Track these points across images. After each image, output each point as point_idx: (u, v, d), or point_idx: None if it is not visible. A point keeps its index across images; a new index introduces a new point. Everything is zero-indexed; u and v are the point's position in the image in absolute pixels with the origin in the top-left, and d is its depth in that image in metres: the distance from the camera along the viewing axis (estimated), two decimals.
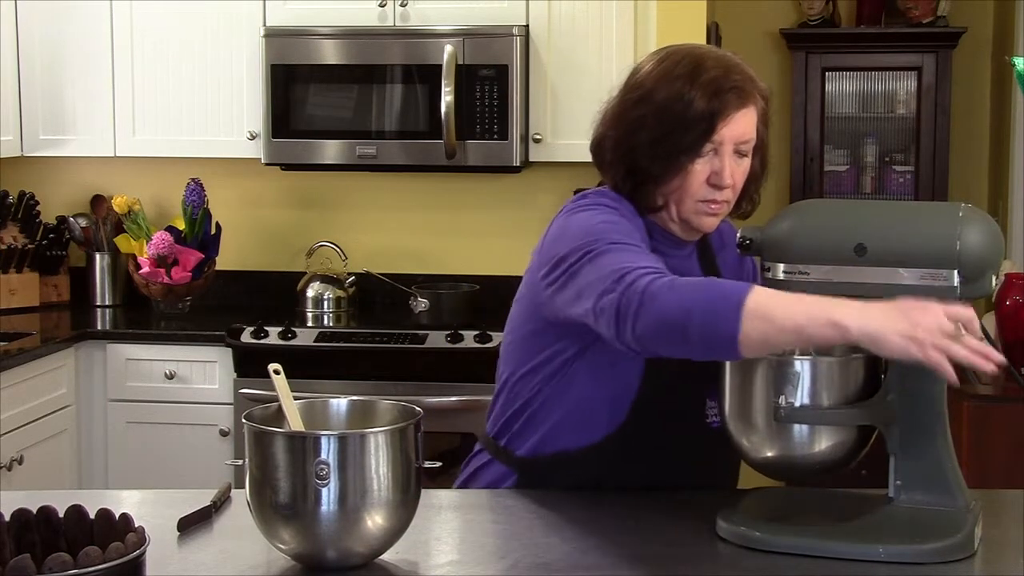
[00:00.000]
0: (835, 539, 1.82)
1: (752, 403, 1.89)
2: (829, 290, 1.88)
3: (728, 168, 2.04)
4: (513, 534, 1.93)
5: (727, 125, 2.02)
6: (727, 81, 2.03)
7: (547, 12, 4.16)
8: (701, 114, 2.01)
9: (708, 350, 1.79)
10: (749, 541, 1.84)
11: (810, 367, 1.85)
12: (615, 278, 1.85)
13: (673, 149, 2.02)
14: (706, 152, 2.03)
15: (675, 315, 1.77)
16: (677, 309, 1.77)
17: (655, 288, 1.80)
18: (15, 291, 4.45)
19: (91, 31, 4.37)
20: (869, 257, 1.85)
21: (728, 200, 2.08)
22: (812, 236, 1.89)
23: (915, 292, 1.82)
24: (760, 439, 1.90)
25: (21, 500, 1.75)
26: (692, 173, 2.03)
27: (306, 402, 1.88)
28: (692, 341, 1.77)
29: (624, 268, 1.86)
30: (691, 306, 1.77)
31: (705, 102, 2.01)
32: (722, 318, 1.74)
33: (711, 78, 2.02)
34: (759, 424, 1.89)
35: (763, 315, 1.73)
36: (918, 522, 1.85)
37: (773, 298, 1.76)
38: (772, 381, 1.85)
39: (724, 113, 2.02)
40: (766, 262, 1.92)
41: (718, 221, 2.11)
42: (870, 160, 5.34)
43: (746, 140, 2.05)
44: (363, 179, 4.56)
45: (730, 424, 1.93)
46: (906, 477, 1.88)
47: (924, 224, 1.86)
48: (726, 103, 2.02)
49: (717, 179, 2.04)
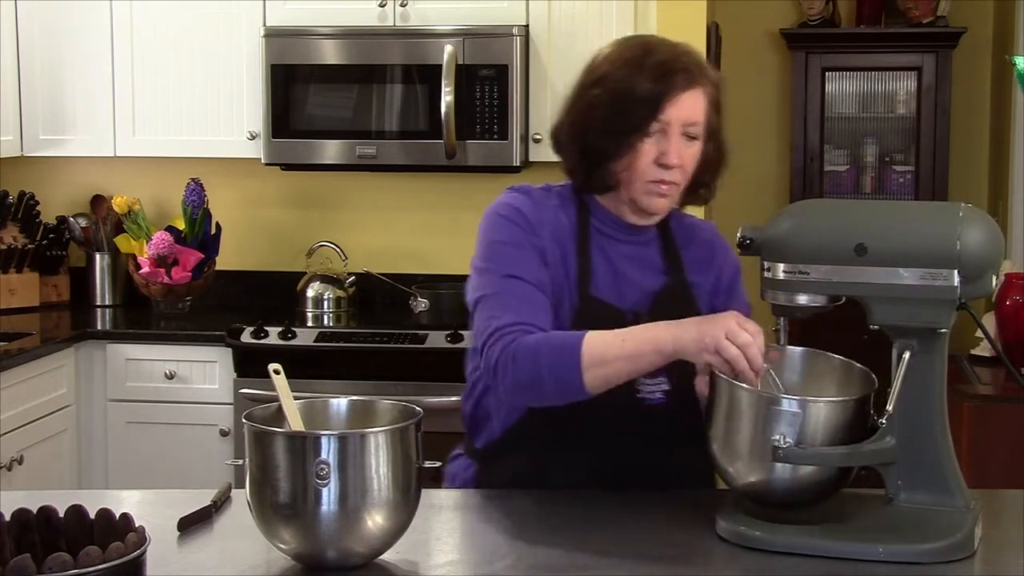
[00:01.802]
0: (835, 539, 1.82)
1: (738, 435, 1.90)
2: (829, 290, 1.88)
3: (675, 148, 2.09)
4: (513, 534, 1.93)
5: (673, 105, 2.08)
6: (675, 63, 2.10)
7: (547, 12, 4.16)
8: (648, 94, 2.08)
9: (563, 398, 2.01)
10: (749, 541, 1.84)
11: (798, 407, 1.86)
12: (487, 336, 2.06)
13: (622, 128, 2.09)
14: (654, 132, 2.09)
15: (529, 378, 2.00)
16: (530, 372, 2.00)
17: (513, 349, 2.01)
18: (15, 291, 4.45)
19: (91, 31, 4.37)
20: (869, 257, 1.85)
21: (676, 182, 2.12)
22: (812, 236, 1.90)
23: (915, 292, 1.82)
24: (745, 468, 1.91)
25: (21, 500, 1.75)
26: (640, 153, 2.09)
27: (306, 402, 1.88)
28: (549, 395, 2.02)
29: (495, 328, 2.05)
30: (540, 368, 1.99)
31: (651, 83, 2.08)
32: (567, 373, 1.97)
33: (659, 60, 2.10)
34: (744, 455, 1.90)
35: (598, 361, 1.96)
36: (918, 522, 1.85)
37: (603, 341, 1.97)
38: (761, 418, 1.86)
39: (670, 93, 2.08)
40: (766, 262, 1.92)
41: (668, 203, 2.16)
42: (870, 160, 5.35)
43: (694, 122, 2.11)
44: (363, 179, 4.55)
45: (716, 453, 1.94)
46: (906, 477, 1.89)
47: (924, 224, 1.86)
48: (672, 84, 2.08)
49: (664, 159, 2.09)
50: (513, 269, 2.10)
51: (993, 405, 3.67)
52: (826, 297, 1.91)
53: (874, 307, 1.87)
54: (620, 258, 2.18)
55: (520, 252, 2.12)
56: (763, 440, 1.85)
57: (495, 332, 2.04)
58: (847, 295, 1.89)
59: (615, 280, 2.16)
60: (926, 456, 1.88)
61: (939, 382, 1.88)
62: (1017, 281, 3.83)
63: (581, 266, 2.15)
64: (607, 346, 1.97)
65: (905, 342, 1.88)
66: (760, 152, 5.46)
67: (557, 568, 1.81)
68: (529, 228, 2.14)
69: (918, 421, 1.88)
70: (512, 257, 2.12)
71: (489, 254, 2.14)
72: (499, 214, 2.17)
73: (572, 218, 2.18)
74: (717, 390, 1.93)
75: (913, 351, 1.87)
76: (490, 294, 2.10)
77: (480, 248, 2.17)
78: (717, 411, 1.93)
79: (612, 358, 1.96)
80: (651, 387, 2.12)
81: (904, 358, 1.87)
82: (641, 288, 2.17)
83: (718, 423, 1.92)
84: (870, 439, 1.87)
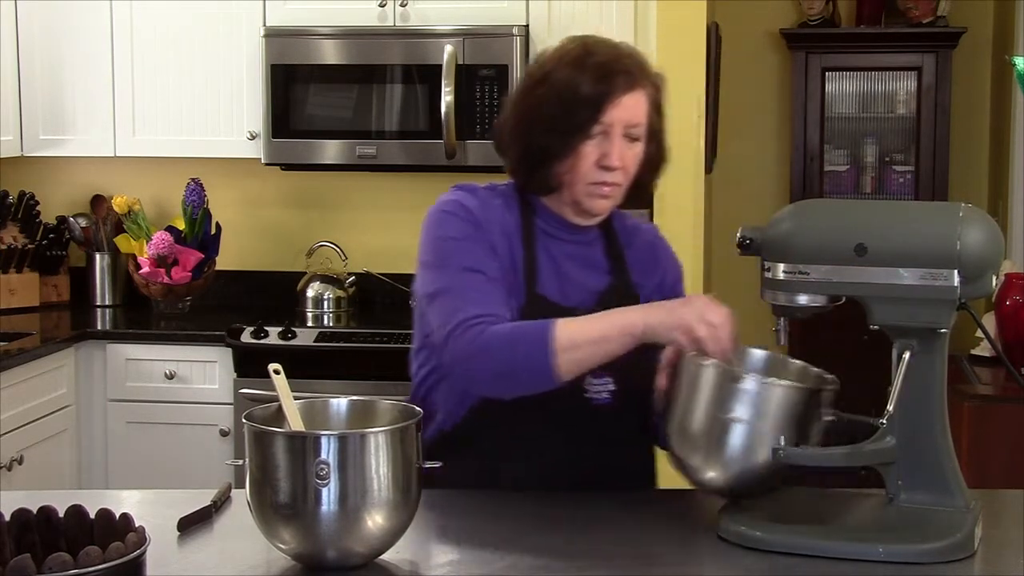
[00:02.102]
0: (835, 539, 1.82)
1: (694, 414, 1.91)
2: (829, 290, 1.88)
3: (617, 151, 2.10)
4: (513, 534, 1.93)
5: (615, 107, 2.09)
6: (616, 65, 2.10)
7: (547, 12, 4.16)
8: (589, 96, 2.08)
9: (535, 386, 2.01)
10: (749, 541, 1.84)
11: (757, 385, 1.88)
12: (452, 327, 2.03)
13: (564, 129, 2.09)
14: (595, 134, 2.10)
15: (503, 366, 2.00)
16: (503, 361, 2.00)
17: (484, 339, 2.00)
18: (15, 291, 4.45)
19: (91, 31, 4.37)
20: (869, 257, 1.85)
21: (619, 183, 2.14)
22: (812, 236, 1.90)
23: (915, 292, 1.82)
24: (701, 459, 1.92)
25: (21, 500, 1.74)
26: (582, 155, 2.10)
27: (306, 402, 1.88)
28: (522, 383, 2.01)
29: (460, 320, 2.03)
30: (513, 356, 1.99)
31: (593, 85, 2.08)
32: (539, 359, 1.97)
33: (600, 62, 2.10)
34: (700, 436, 1.91)
35: (569, 346, 1.97)
36: (918, 522, 1.85)
37: (573, 327, 1.99)
38: (720, 395, 1.88)
39: (612, 95, 2.09)
40: (766, 262, 1.92)
41: (610, 204, 2.17)
42: (870, 160, 5.35)
43: (635, 124, 2.12)
44: (363, 179, 4.56)
45: (673, 435, 1.96)
46: (906, 477, 1.89)
47: (924, 224, 1.86)
48: (614, 86, 2.09)
49: (606, 161, 2.10)
50: (470, 263, 2.09)
51: (993, 405, 3.67)
52: (826, 297, 1.91)
53: (874, 307, 1.87)
54: (564, 257, 2.19)
55: (473, 246, 2.11)
56: (721, 419, 1.87)
57: (460, 324, 2.03)
58: (847, 295, 1.89)
59: (559, 279, 2.16)
60: (926, 456, 1.88)
61: (939, 382, 1.88)
62: (1017, 281, 3.83)
63: (527, 264, 2.15)
64: (577, 331, 1.98)
65: (905, 342, 1.87)
66: (760, 152, 5.46)
67: (557, 568, 1.81)
68: (477, 224, 2.14)
69: (918, 421, 1.88)
70: (466, 251, 2.11)
71: (441, 250, 2.13)
72: (446, 211, 2.16)
73: (516, 217, 2.19)
74: (681, 370, 1.95)
75: (913, 351, 1.87)
76: (448, 288, 2.08)
77: (428, 245, 2.15)
78: (679, 392, 1.94)
79: (583, 342, 1.97)
80: (597, 387, 2.12)
81: (904, 358, 1.87)
82: (585, 287, 2.18)
83: (678, 404, 1.94)
84: (870, 439, 1.88)
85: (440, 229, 2.14)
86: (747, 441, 1.88)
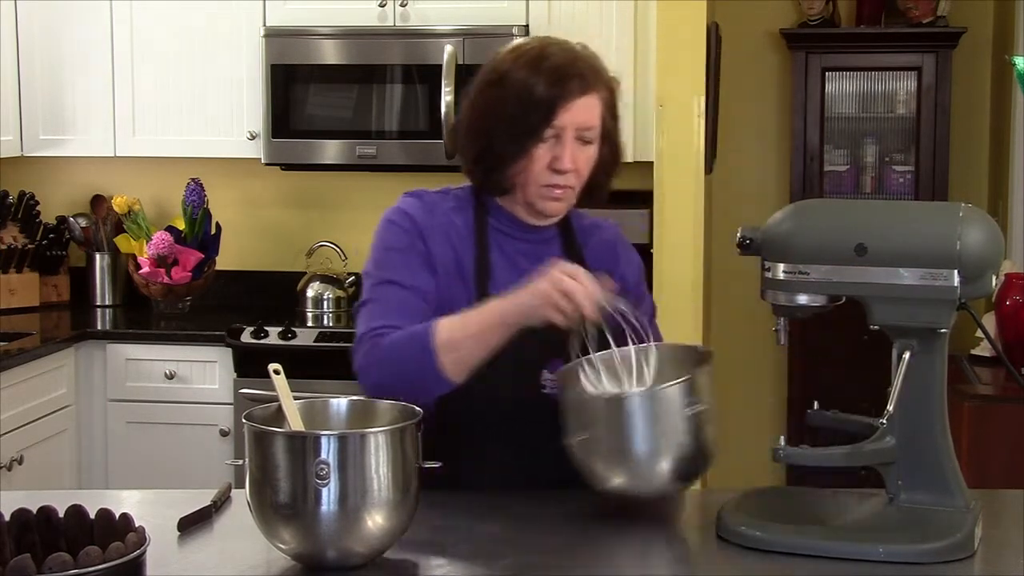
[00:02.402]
0: (835, 539, 1.82)
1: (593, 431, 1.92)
2: (829, 290, 1.88)
3: (569, 154, 2.11)
4: (513, 534, 1.93)
5: (567, 111, 2.10)
6: (570, 69, 2.11)
7: (547, 12, 4.16)
8: (542, 99, 2.09)
9: (428, 390, 2.03)
10: (749, 541, 1.84)
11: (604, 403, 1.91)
12: (355, 342, 2.11)
13: (517, 132, 2.11)
14: (548, 137, 2.11)
15: (392, 378, 2.03)
16: (390, 372, 2.04)
17: (375, 353, 2.06)
18: (15, 291, 4.45)
19: (91, 31, 4.37)
20: (869, 257, 1.85)
21: (571, 186, 2.15)
22: (812, 236, 1.90)
23: (915, 292, 1.82)
24: (604, 466, 1.93)
25: (21, 500, 1.75)
26: (535, 158, 2.11)
27: (306, 402, 1.88)
28: (417, 389, 2.01)
29: (360, 334, 2.10)
30: (399, 364, 2.03)
31: (546, 88, 2.09)
32: (424, 364, 2.00)
33: (554, 65, 2.11)
34: (601, 451, 1.92)
35: (450, 346, 2.00)
36: (918, 522, 1.85)
37: (450, 326, 2.01)
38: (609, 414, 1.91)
39: (565, 99, 2.09)
40: (766, 262, 1.92)
41: (563, 206, 2.18)
42: (870, 160, 5.34)
43: (588, 127, 2.13)
44: (363, 179, 4.55)
45: (574, 449, 1.96)
46: (906, 477, 1.89)
47: (924, 224, 1.86)
48: (568, 90, 2.10)
49: (558, 164, 2.11)
50: (392, 274, 2.14)
51: (993, 405, 3.67)
52: (826, 297, 1.91)
53: (874, 307, 1.87)
54: (520, 256, 2.20)
55: (403, 257, 2.15)
56: (619, 439, 1.89)
57: (360, 338, 2.10)
58: (847, 295, 1.89)
59: (516, 279, 2.15)
60: (926, 456, 1.88)
61: (939, 382, 1.88)
62: (1017, 281, 3.83)
63: (479, 266, 2.17)
64: (456, 329, 2.01)
65: (905, 342, 1.88)
66: (760, 152, 5.45)
67: (557, 568, 1.81)
68: (416, 233, 2.17)
69: (918, 421, 1.88)
70: (394, 263, 2.15)
71: (376, 260, 2.18)
72: (389, 220, 2.20)
73: (469, 219, 2.20)
74: (563, 392, 1.97)
75: (913, 351, 1.87)
76: (367, 300, 2.15)
77: (370, 254, 2.21)
78: (567, 412, 1.96)
79: (462, 339, 2.00)
80: (555, 381, 2.11)
81: (904, 358, 1.87)
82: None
83: (572, 425, 1.95)
84: (870, 439, 1.88)
85: (379, 239, 2.20)
86: (647, 448, 1.90)
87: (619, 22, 4.11)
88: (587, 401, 1.96)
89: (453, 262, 2.16)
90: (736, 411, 5.35)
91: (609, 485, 1.95)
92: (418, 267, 2.14)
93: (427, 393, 2.03)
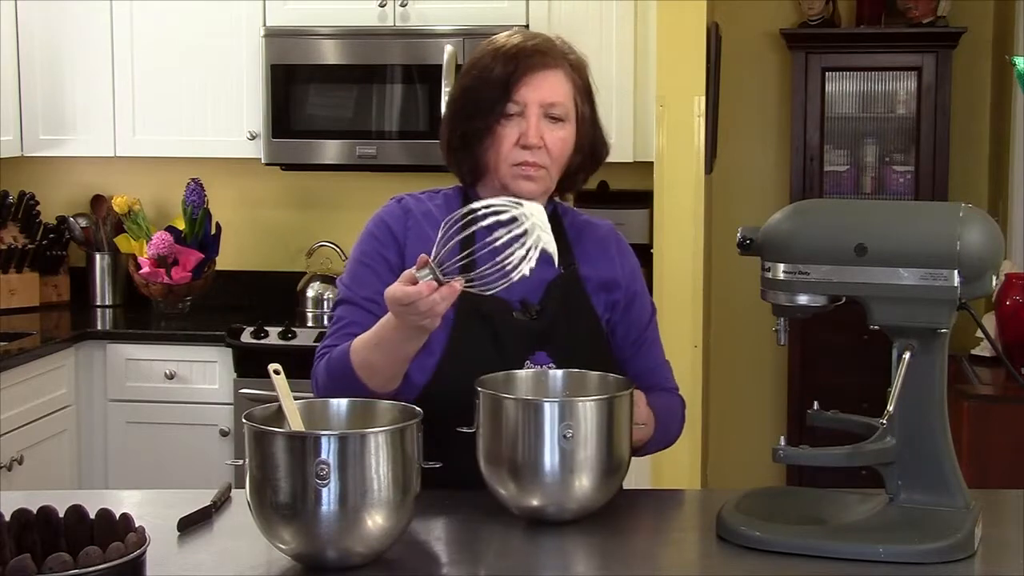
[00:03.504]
0: (835, 539, 1.82)
1: (501, 448, 1.90)
2: (829, 290, 1.88)
3: (534, 129, 2.13)
4: (513, 534, 1.92)
5: (527, 86, 2.13)
6: (528, 46, 2.15)
7: (547, 12, 4.16)
8: (500, 76, 2.13)
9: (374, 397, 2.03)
10: (749, 541, 1.84)
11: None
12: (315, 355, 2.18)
13: (481, 111, 2.14)
14: (513, 114, 2.13)
15: (335, 394, 2.03)
16: (330, 388, 2.09)
17: (317, 372, 2.14)
18: (15, 291, 4.45)
19: (91, 31, 4.37)
20: (869, 257, 1.85)
21: (542, 164, 2.15)
22: (812, 236, 1.89)
23: (915, 292, 1.82)
24: (516, 486, 1.91)
25: (21, 500, 1.74)
26: (501, 136, 2.14)
27: (306, 402, 1.88)
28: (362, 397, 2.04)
29: (318, 349, 2.18)
30: (336, 383, 2.08)
31: (502, 65, 2.13)
32: (354, 384, 2.05)
33: (512, 45, 2.16)
34: (515, 469, 1.90)
35: (363, 361, 2.04)
36: (918, 522, 1.85)
37: (363, 345, 2.04)
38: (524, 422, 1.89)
39: (521, 74, 2.13)
40: (766, 262, 1.92)
41: (536, 187, 2.17)
42: (870, 160, 5.34)
43: (553, 103, 2.14)
44: (363, 179, 4.56)
45: (484, 471, 1.95)
46: (906, 477, 1.88)
47: (924, 224, 1.86)
48: (526, 65, 2.13)
49: (524, 139, 2.12)
50: (353, 291, 2.20)
51: (993, 405, 3.67)
52: (826, 297, 1.90)
53: (874, 307, 1.87)
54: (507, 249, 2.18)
55: (364, 270, 2.20)
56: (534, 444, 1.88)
57: (315, 356, 2.18)
58: (847, 295, 1.89)
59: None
60: (926, 456, 1.88)
61: (939, 382, 1.88)
62: (1017, 281, 3.83)
63: (463, 264, 2.13)
64: (362, 346, 2.05)
65: (905, 342, 1.87)
66: (760, 152, 5.45)
67: (558, 568, 1.81)
68: (389, 242, 2.20)
69: (918, 421, 1.87)
70: (358, 277, 2.21)
71: (348, 270, 2.25)
72: (368, 228, 2.26)
73: (414, 241, 2.20)
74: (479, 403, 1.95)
75: (913, 351, 1.86)
76: (332, 315, 2.23)
77: (348, 260, 2.29)
78: (480, 423, 1.94)
79: (369, 352, 2.04)
80: (534, 367, 2.12)
81: (904, 358, 1.86)
82: (531, 278, 2.16)
83: (484, 436, 1.94)
84: (870, 439, 1.88)
85: (355, 248, 2.26)
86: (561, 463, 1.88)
87: (619, 22, 4.11)
88: (487, 396, 1.94)
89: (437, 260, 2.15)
90: (736, 411, 5.35)
91: (488, 481, 1.94)
92: (373, 278, 2.17)
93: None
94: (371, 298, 2.15)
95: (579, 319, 2.20)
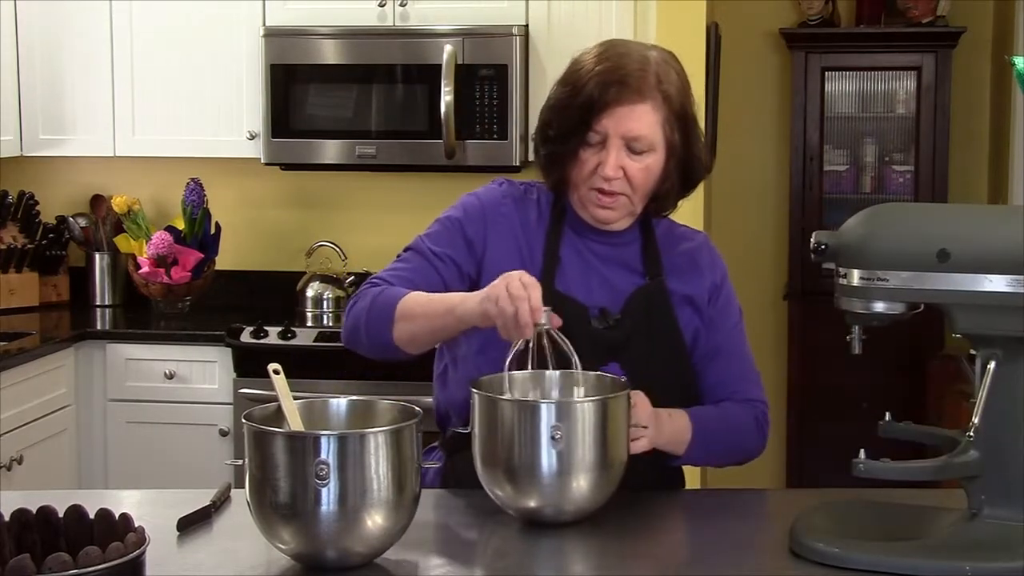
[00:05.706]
0: (917, 556, 1.73)
1: (497, 449, 1.90)
2: (909, 297, 1.80)
3: (612, 161, 2.08)
4: (513, 534, 1.92)
5: (609, 118, 2.07)
6: (614, 74, 2.07)
7: (547, 12, 4.16)
8: (583, 103, 2.08)
9: (376, 348, 2.11)
10: (827, 558, 1.76)
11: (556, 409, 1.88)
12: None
13: (564, 133, 2.11)
14: (594, 142, 2.09)
15: (352, 323, 2.11)
16: (354, 318, 2.11)
17: (358, 296, 2.13)
18: (15, 291, 4.45)
19: (91, 31, 4.37)
20: (952, 263, 1.76)
21: (619, 193, 2.11)
22: (890, 241, 1.80)
23: (1001, 299, 1.75)
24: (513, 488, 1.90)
25: (21, 500, 1.75)
26: (580, 160, 2.11)
27: (306, 402, 1.88)
28: (364, 343, 2.12)
29: (371, 277, 2.17)
30: (364, 314, 2.09)
31: (589, 91, 2.07)
32: (380, 322, 2.07)
33: (603, 68, 2.08)
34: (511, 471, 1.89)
35: (406, 315, 2.05)
36: (1004, 538, 1.76)
37: (416, 300, 2.05)
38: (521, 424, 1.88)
39: (605, 105, 2.06)
40: (841, 268, 1.83)
41: (614, 215, 2.14)
42: (870, 160, 5.34)
43: (635, 137, 2.08)
44: (363, 179, 4.56)
45: (480, 471, 1.94)
46: (989, 491, 1.80)
47: (1010, 228, 1.76)
48: (607, 96, 2.06)
49: (602, 170, 2.08)
50: (421, 242, 2.20)
51: None
52: (904, 304, 1.81)
53: (957, 315, 1.78)
54: (593, 256, 2.18)
55: (443, 231, 2.20)
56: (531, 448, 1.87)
57: (364, 282, 2.17)
58: (928, 302, 1.80)
59: (586, 277, 2.16)
60: (1011, 470, 1.78)
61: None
62: None
63: (547, 262, 2.15)
64: (416, 304, 2.05)
65: (989, 351, 1.79)
66: (760, 152, 5.45)
67: (559, 568, 1.81)
68: (477, 216, 2.19)
69: (1003, 433, 1.78)
70: (432, 232, 2.22)
71: (429, 226, 2.25)
72: (463, 199, 2.25)
73: (547, 215, 2.19)
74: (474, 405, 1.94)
75: (998, 360, 1.78)
76: (397, 256, 2.23)
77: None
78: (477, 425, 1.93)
79: (418, 314, 2.04)
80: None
81: (989, 368, 1.78)
82: (614, 287, 2.16)
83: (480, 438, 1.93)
84: (955, 452, 1.79)
85: (446, 211, 2.25)
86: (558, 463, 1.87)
87: (619, 22, 4.11)
88: (482, 397, 1.94)
89: (516, 254, 2.15)
90: None
91: (485, 483, 1.94)
92: (446, 241, 2.18)
93: (381, 352, 2.11)
94: (438, 254, 2.16)
95: (660, 332, 2.15)
